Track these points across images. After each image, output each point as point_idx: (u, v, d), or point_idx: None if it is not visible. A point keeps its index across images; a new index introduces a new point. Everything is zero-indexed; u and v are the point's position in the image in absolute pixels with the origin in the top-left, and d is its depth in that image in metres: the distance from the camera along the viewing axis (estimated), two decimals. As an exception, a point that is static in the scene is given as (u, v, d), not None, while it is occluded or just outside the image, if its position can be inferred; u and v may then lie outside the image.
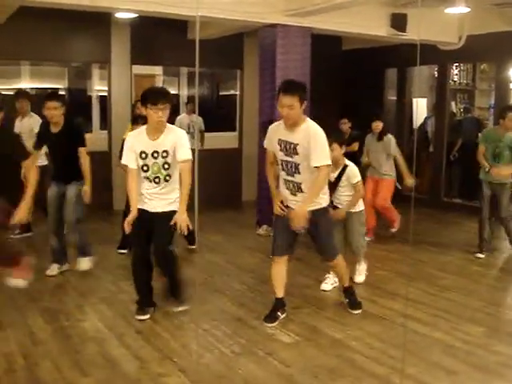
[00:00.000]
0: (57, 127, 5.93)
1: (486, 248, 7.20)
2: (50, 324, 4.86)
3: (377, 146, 7.76)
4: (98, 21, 8.62)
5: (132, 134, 5.07)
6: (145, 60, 10.13)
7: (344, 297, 5.39)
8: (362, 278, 6.15)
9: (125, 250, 6.95)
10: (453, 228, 9.03)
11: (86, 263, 6.35)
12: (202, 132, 10.39)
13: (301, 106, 4.59)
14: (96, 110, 11.10)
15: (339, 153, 5.66)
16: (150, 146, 4.79)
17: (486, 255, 7.17)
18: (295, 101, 4.55)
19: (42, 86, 11.33)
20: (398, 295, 5.70)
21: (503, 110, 7.07)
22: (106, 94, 10.07)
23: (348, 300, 5.34)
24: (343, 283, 5.38)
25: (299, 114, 4.62)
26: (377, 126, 7.75)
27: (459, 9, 7.92)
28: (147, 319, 4.96)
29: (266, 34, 8.21)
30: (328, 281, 5.90)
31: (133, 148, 4.85)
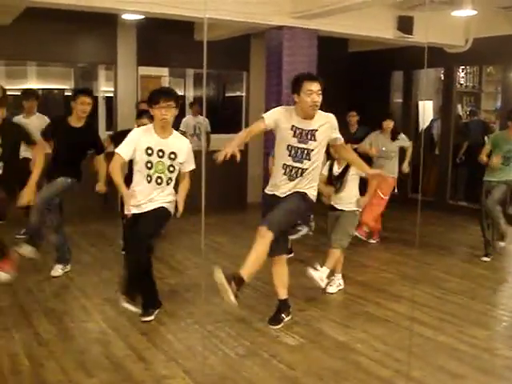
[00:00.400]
0: (79, 122, 5.90)
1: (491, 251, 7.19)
2: (55, 325, 4.86)
3: (390, 146, 7.77)
4: (104, 22, 8.64)
5: (139, 128, 5.02)
6: (151, 61, 10.14)
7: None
8: (334, 289, 5.89)
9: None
10: (458, 231, 9.01)
11: (23, 250, 5.83)
12: (208, 133, 10.39)
13: None
14: (102, 110, 11.11)
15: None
16: (157, 144, 4.74)
17: (492, 258, 7.15)
18: (321, 88, 4.62)
19: (49, 87, 11.36)
20: (402, 298, 5.69)
21: (511, 112, 7.06)
22: (112, 95, 10.09)
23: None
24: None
25: None
26: (388, 124, 7.76)
27: (466, 12, 7.91)
28: (152, 320, 4.96)
29: (273, 36, 8.22)
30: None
31: (135, 142, 4.76)
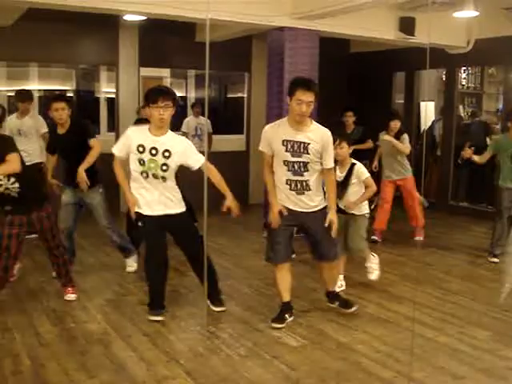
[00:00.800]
0: (63, 128, 5.92)
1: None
2: (56, 325, 4.87)
3: (396, 149, 7.72)
4: (106, 23, 8.65)
5: (132, 128, 5.06)
6: (152, 62, 10.14)
7: (331, 301, 5.35)
8: (375, 275, 6.02)
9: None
10: (459, 231, 9.00)
11: (130, 262, 6.44)
12: (209, 134, 10.38)
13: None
14: (104, 112, 11.10)
15: (347, 151, 5.62)
16: (150, 142, 4.75)
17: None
18: (314, 98, 4.58)
19: (50, 88, 11.35)
20: (404, 298, 5.69)
21: (510, 113, 7.05)
22: (113, 96, 10.09)
23: (338, 302, 5.31)
24: (331, 287, 5.34)
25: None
26: (395, 124, 7.73)
27: (468, 13, 7.91)
28: (155, 321, 4.97)
29: (274, 37, 8.21)
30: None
31: (128, 139, 4.82)
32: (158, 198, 4.87)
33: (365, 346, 4.57)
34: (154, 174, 4.79)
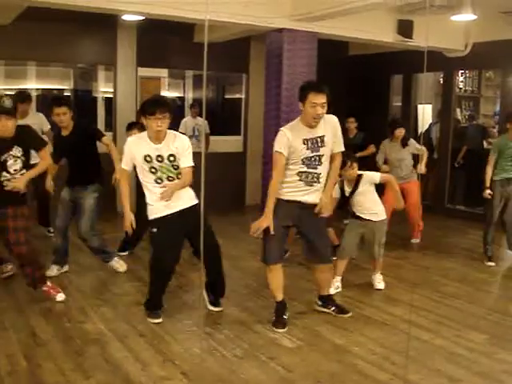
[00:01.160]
0: (67, 130, 5.99)
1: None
2: (53, 325, 4.87)
3: (402, 154, 7.82)
4: (104, 23, 8.64)
5: (131, 140, 5.02)
6: (150, 62, 10.13)
7: (324, 306, 5.34)
8: (332, 291, 5.78)
9: (125, 253, 6.97)
10: (456, 235, 9.01)
11: (116, 264, 6.44)
12: (207, 135, 10.38)
13: None
14: (101, 111, 11.08)
15: (356, 171, 5.73)
16: (154, 151, 4.79)
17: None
18: (326, 99, 4.64)
19: (48, 87, 11.33)
20: (400, 301, 5.69)
21: (510, 115, 7.08)
22: (111, 96, 10.07)
23: (333, 308, 5.31)
24: (325, 290, 5.34)
25: None
26: (400, 132, 7.84)
27: (465, 16, 7.91)
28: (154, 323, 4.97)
29: (273, 39, 8.21)
30: (332, 285, 5.88)
31: (132, 152, 4.85)
32: (175, 195, 4.88)
33: (361, 348, 4.57)
34: (169, 176, 4.85)
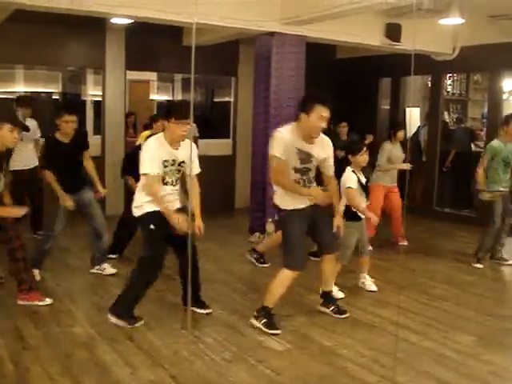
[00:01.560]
0: (67, 138, 6.00)
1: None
2: (41, 329, 4.85)
3: (401, 155, 7.97)
4: (92, 26, 8.63)
5: (152, 142, 4.91)
6: (139, 65, 10.13)
7: (325, 305, 5.37)
8: (375, 286, 6.20)
9: (114, 255, 6.96)
10: (444, 237, 9.05)
11: (108, 267, 6.51)
12: (196, 138, 10.38)
13: None
14: (90, 114, 11.07)
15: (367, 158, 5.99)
16: (170, 155, 4.87)
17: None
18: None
19: (36, 90, 11.31)
20: (389, 303, 5.72)
21: (507, 118, 7.11)
22: (100, 99, 10.05)
23: (333, 307, 5.35)
24: (330, 285, 5.41)
25: None
26: (401, 134, 8.01)
27: (453, 20, 7.96)
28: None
29: (262, 42, 8.22)
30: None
31: (156, 157, 4.80)
32: (174, 198, 4.98)
33: (349, 351, 4.59)
34: (173, 180, 4.95)
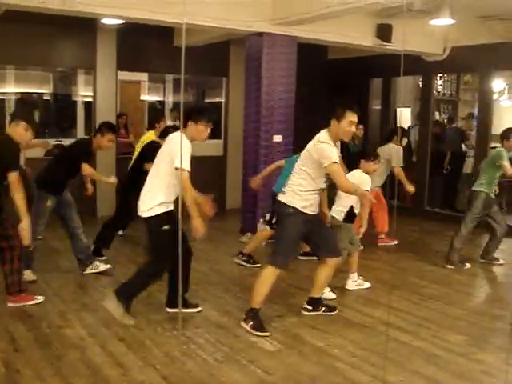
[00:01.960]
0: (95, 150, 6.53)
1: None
2: (32, 331, 4.83)
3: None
4: (83, 26, 8.62)
5: (187, 141, 4.95)
6: (130, 66, 10.12)
7: (316, 309, 5.37)
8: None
9: (103, 257, 6.95)
10: (435, 237, 9.08)
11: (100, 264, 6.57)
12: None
13: None
14: (81, 115, 11.04)
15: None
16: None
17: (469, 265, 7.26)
18: None
19: (27, 91, 11.27)
20: (379, 303, 5.73)
21: (507, 132, 7.04)
22: (91, 100, 10.03)
23: (325, 308, 5.38)
24: (319, 292, 5.40)
25: None
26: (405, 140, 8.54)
27: (444, 20, 7.99)
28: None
29: (253, 43, 8.23)
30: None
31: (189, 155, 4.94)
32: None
33: (340, 351, 4.60)
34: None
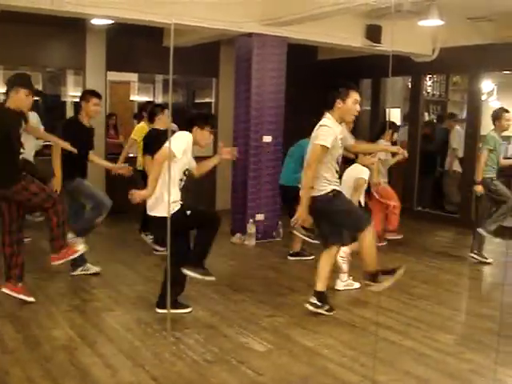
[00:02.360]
0: (88, 122, 6.35)
1: None
2: (21, 332, 4.80)
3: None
4: (73, 27, 8.59)
5: (189, 140, 5.22)
6: (120, 67, 10.10)
7: (322, 307, 5.31)
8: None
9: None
10: (424, 237, 9.12)
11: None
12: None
13: None
14: (70, 116, 10.99)
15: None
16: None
17: (458, 264, 7.28)
18: None
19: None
20: (369, 303, 5.75)
21: (497, 112, 7.11)
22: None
23: (329, 307, 5.35)
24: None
25: None
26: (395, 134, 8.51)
27: (433, 21, 8.01)
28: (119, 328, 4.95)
29: (242, 43, 8.23)
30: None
31: (187, 148, 5.21)
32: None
33: (331, 351, 4.60)
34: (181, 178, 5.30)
